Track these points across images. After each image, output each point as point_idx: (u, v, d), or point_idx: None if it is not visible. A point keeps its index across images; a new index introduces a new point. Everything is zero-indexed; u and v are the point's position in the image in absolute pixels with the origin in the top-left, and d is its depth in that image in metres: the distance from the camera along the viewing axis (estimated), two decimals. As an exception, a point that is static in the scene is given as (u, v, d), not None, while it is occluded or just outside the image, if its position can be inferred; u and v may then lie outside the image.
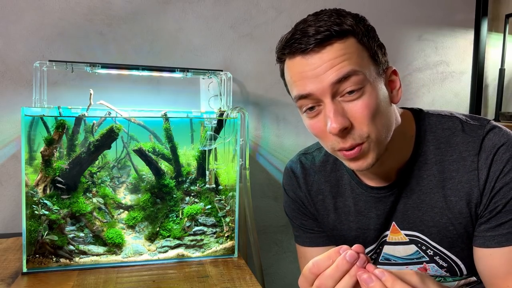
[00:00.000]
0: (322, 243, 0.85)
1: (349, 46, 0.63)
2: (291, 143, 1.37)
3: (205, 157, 1.02)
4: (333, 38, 0.62)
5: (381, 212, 0.76)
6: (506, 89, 1.52)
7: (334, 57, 0.62)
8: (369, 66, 0.64)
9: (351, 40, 0.63)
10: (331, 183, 0.81)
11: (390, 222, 0.76)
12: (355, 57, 0.63)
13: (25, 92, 1.14)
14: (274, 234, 1.40)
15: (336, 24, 0.62)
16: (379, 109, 0.64)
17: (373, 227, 0.77)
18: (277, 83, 1.34)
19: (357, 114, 0.63)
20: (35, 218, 0.90)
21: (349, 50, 0.62)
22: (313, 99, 0.64)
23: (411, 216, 0.74)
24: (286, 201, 0.89)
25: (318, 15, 0.65)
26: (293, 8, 1.34)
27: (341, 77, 0.61)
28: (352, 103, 0.63)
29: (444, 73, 1.53)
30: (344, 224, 0.80)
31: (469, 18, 1.53)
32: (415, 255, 0.76)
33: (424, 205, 0.73)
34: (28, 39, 1.14)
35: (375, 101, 0.63)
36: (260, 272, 1.13)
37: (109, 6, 1.19)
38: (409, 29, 1.48)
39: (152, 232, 1.00)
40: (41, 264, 0.91)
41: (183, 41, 1.25)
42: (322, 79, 0.62)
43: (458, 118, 0.73)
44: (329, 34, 0.62)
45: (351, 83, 0.62)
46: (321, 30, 0.62)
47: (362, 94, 0.63)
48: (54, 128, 0.90)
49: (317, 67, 0.62)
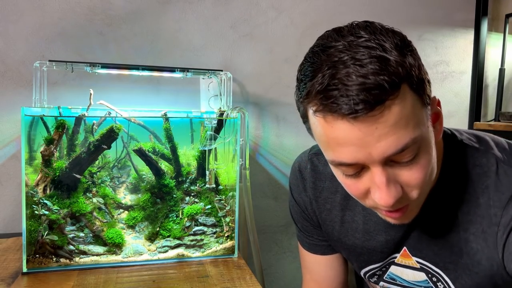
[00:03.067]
0: (321, 252, 0.82)
1: (405, 101, 0.48)
2: (291, 143, 1.37)
3: (205, 157, 1.02)
4: (388, 98, 0.47)
5: (391, 238, 0.70)
6: (506, 89, 1.52)
7: (390, 124, 0.48)
8: (424, 117, 0.52)
9: (406, 92, 0.49)
10: (342, 194, 0.73)
11: (401, 246, 0.70)
12: (412, 116, 0.50)
13: (25, 92, 1.14)
14: (274, 234, 1.40)
15: (385, 72, 0.47)
16: (431, 162, 0.55)
17: (380, 250, 0.71)
18: (277, 83, 1.34)
19: (411, 180, 0.53)
20: (35, 218, 0.90)
21: (406, 110, 0.49)
22: (357, 167, 0.53)
23: (426, 248, 0.67)
24: (290, 200, 0.84)
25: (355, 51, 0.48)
26: (293, 8, 1.34)
27: (399, 150, 0.50)
28: (406, 168, 0.53)
29: (444, 73, 1.53)
30: (349, 239, 0.74)
31: (469, 18, 1.53)
32: (424, 283, 0.70)
33: (442, 241, 0.66)
34: (28, 39, 1.14)
35: (429, 158, 0.54)
36: (260, 272, 1.13)
37: (109, 6, 1.19)
38: (409, 29, 1.48)
39: (152, 232, 1.00)
40: (41, 264, 0.91)
41: (183, 41, 1.25)
42: (373, 149, 0.50)
43: (495, 156, 0.62)
44: (382, 92, 0.47)
45: (409, 151, 0.51)
46: (370, 86, 0.46)
47: (418, 156, 0.52)
48: (54, 128, 0.90)
49: (368, 135, 0.49)
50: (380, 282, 0.76)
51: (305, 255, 0.85)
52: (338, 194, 0.74)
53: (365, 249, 0.73)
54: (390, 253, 0.71)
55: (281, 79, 1.34)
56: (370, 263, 0.75)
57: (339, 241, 0.77)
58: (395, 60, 0.48)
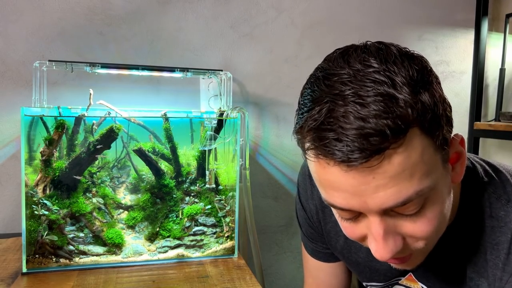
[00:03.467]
0: (324, 259, 0.79)
1: (411, 149, 0.41)
2: (291, 143, 1.37)
3: (205, 157, 1.02)
4: (390, 146, 0.40)
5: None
6: (507, 89, 1.52)
7: (390, 175, 0.41)
8: (436, 165, 0.44)
9: (413, 136, 0.41)
10: None
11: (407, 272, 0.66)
12: (421, 165, 0.42)
13: (25, 92, 1.14)
14: (274, 234, 1.40)
15: (390, 115, 0.39)
16: (442, 215, 0.48)
17: (383, 273, 0.68)
18: (277, 83, 1.34)
19: (417, 233, 0.47)
20: (35, 218, 0.90)
21: (412, 159, 0.41)
22: (353, 212, 0.48)
23: (433, 277, 0.63)
24: (297, 202, 0.79)
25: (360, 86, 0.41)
26: (293, 8, 1.34)
27: (399, 203, 0.43)
28: (409, 221, 0.46)
29: (444, 73, 1.53)
30: (352, 256, 0.71)
31: (469, 18, 1.53)
32: None
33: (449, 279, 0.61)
34: (28, 39, 1.14)
35: (440, 209, 0.47)
36: (260, 272, 1.13)
37: (109, 6, 1.19)
38: (409, 29, 1.47)
39: (152, 232, 1.00)
40: (41, 264, 0.91)
41: (183, 41, 1.25)
42: (369, 199, 0.44)
43: None
44: (382, 140, 0.39)
45: (412, 204, 0.44)
46: (368, 132, 0.39)
47: (425, 209, 0.46)
48: (54, 128, 0.90)
49: (363, 184, 0.42)
50: None
51: (308, 259, 0.83)
52: None
53: (367, 268, 0.69)
54: (394, 277, 0.68)
55: (281, 79, 1.34)
56: (372, 280, 0.72)
57: (341, 255, 0.74)
58: (404, 99, 0.40)
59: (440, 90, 0.46)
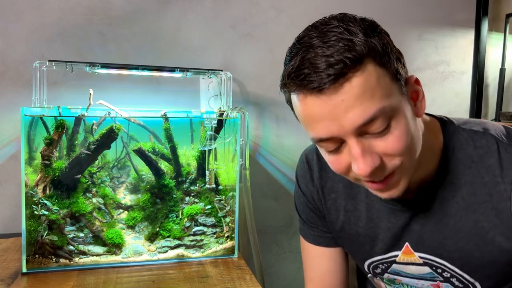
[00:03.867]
0: (325, 244, 0.82)
1: (369, 75, 0.53)
2: (291, 143, 1.37)
3: (205, 157, 1.02)
4: (349, 71, 0.52)
5: (392, 225, 0.71)
6: (507, 89, 1.52)
7: (354, 96, 0.52)
8: (394, 90, 0.55)
9: (369, 66, 0.53)
10: (344, 183, 0.76)
11: (403, 242, 0.71)
12: (379, 88, 0.53)
13: (25, 92, 1.14)
14: (274, 234, 1.40)
15: (348, 49, 0.52)
16: (410, 133, 0.57)
17: (381, 238, 0.73)
18: (277, 83, 1.33)
19: (388, 149, 0.55)
20: (34, 218, 0.90)
21: (370, 83, 0.53)
22: (335, 141, 0.57)
23: (429, 240, 0.68)
24: (296, 191, 0.85)
25: (323, 35, 0.54)
26: (293, 8, 1.34)
27: (367, 120, 0.53)
28: (381, 139, 0.55)
29: (444, 73, 1.53)
30: (352, 228, 0.76)
31: (470, 18, 1.53)
32: (429, 275, 0.72)
33: (446, 229, 0.67)
34: (28, 39, 1.14)
35: (406, 128, 0.56)
36: (260, 272, 1.13)
37: (109, 6, 1.19)
38: (409, 29, 1.47)
39: (152, 232, 1.00)
40: (41, 264, 0.91)
41: (183, 41, 1.25)
42: (343, 121, 0.53)
43: (493, 137, 0.65)
44: (344, 66, 0.52)
45: (379, 122, 0.54)
46: (332, 62, 0.52)
47: (391, 126, 0.55)
48: (53, 128, 0.90)
49: (336, 107, 0.53)
50: (385, 274, 0.77)
51: (308, 249, 0.85)
52: (341, 183, 0.77)
53: (367, 237, 0.74)
54: (392, 246, 0.72)
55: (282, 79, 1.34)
56: (372, 254, 0.76)
57: (342, 231, 0.78)
58: (358, 40, 0.53)
59: (389, 39, 0.57)
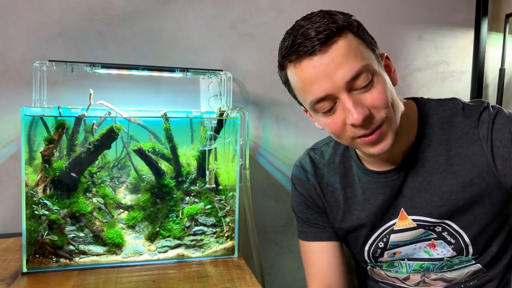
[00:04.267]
0: (326, 238, 0.87)
1: (350, 41, 0.65)
2: (291, 143, 1.37)
3: (205, 157, 1.02)
4: (335, 36, 0.64)
5: (388, 197, 0.78)
6: (506, 88, 1.52)
7: (342, 55, 0.63)
8: (371, 56, 0.67)
9: (349, 35, 0.65)
10: (340, 175, 0.83)
11: (399, 208, 0.78)
12: (359, 51, 0.65)
13: (25, 92, 1.14)
14: (274, 234, 1.40)
15: (331, 22, 0.65)
16: (390, 92, 0.68)
17: (380, 212, 0.79)
18: (277, 82, 1.33)
19: (375, 101, 0.65)
20: (35, 218, 0.90)
21: (352, 46, 0.64)
22: (330, 99, 0.66)
23: (418, 200, 0.76)
24: (293, 195, 0.91)
25: (309, 19, 0.67)
26: (293, 8, 1.34)
27: (354, 75, 0.63)
28: (367, 93, 0.65)
29: (444, 73, 1.53)
30: (353, 214, 0.82)
31: (469, 18, 1.53)
32: (423, 235, 0.79)
33: (431, 186, 0.75)
34: (28, 39, 1.14)
35: (386, 86, 0.67)
36: (260, 272, 1.13)
37: (109, 6, 1.19)
38: (409, 29, 1.48)
39: (152, 232, 1.00)
40: (41, 264, 0.91)
41: (183, 41, 1.25)
42: (335, 77, 0.64)
43: (458, 100, 0.77)
44: (330, 32, 0.64)
45: (364, 77, 0.64)
46: (321, 30, 0.64)
47: (374, 83, 0.65)
48: (54, 128, 0.90)
49: (328, 66, 0.64)
50: (385, 253, 0.82)
51: (309, 247, 0.88)
52: (337, 176, 0.84)
53: (367, 218, 0.81)
54: (390, 217, 0.79)
55: (281, 79, 1.34)
56: (372, 232, 0.82)
57: (344, 220, 0.84)
58: (338, 18, 0.66)
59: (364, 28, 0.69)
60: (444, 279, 0.81)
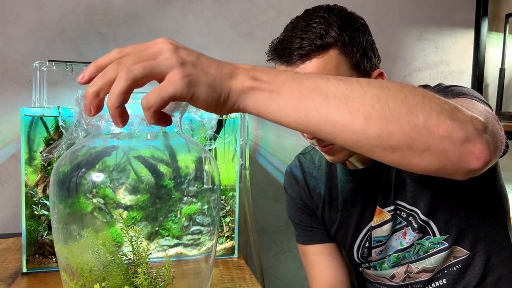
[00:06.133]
0: (321, 240, 0.89)
1: (329, 60, 0.66)
2: (291, 143, 1.37)
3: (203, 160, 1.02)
4: (313, 54, 0.66)
5: (366, 194, 0.81)
6: (507, 88, 1.52)
7: (316, 72, 0.66)
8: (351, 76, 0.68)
9: (332, 53, 0.66)
10: (327, 176, 0.87)
11: (374, 206, 0.81)
12: (335, 72, 0.66)
13: (25, 92, 1.14)
14: (274, 234, 1.40)
15: (319, 37, 0.66)
16: None
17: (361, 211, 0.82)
18: (277, 83, 1.34)
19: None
20: (34, 218, 0.90)
21: (328, 66, 0.66)
22: None
23: (391, 191, 0.79)
24: (287, 200, 0.94)
25: (309, 21, 0.68)
26: (293, 8, 1.34)
27: None
28: None
29: (444, 73, 1.53)
30: (338, 214, 0.86)
31: (469, 18, 1.53)
32: (397, 222, 0.81)
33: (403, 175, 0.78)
34: (28, 39, 1.14)
35: None
36: (260, 272, 1.13)
37: (109, 6, 1.19)
38: (409, 29, 1.47)
39: (151, 231, 1.00)
40: (41, 264, 0.91)
41: (183, 41, 1.24)
42: None
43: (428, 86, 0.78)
44: (310, 49, 0.66)
45: None
46: (304, 45, 0.66)
47: None
48: (53, 128, 0.90)
49: None
50: (372, 251, 0.84)
51: (307, 251, 0.90)
52: (323, 177, 0.87)
53: (350, 217, 0.84)
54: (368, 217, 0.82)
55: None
56: (357, 232, 0.84)
57: (330, 221, 0.87)
58: (331, 31, 0.66)
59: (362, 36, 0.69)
60: (426, 270, 0.81)
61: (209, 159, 0.80)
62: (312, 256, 0.89)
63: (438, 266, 0.80)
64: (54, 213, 0.72)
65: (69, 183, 0.71)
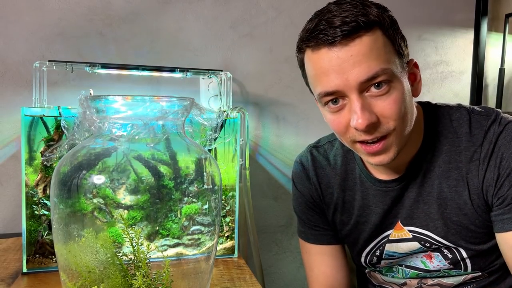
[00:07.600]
0: (327, 241, 0.85)
1: (377, 39, 0.60)
2: (291, 143, 1.37)
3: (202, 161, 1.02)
4: (361, 30, 0.59)
5: (388, 206, 0.75)
6: (506, 88, 1.52)
7: (362, 53, 0.59)
8: (395, 60, 0.62)
9: (378, 32, 0.60)
10: (341, 177, 0.80)
11: (395, 219, 0.76)
12: (383, 53, 0.60)
13: (25, 92, 1.14)
14: (274, 234, 1.40)
15: (362, 14, 0.59)
16: (405, 103, 0.63)
17: (379, 221, 0.77)
18: (277, 83, 1.34)
19: (385, 110, 0.61)
20: (35, 218, 0.90)
21: (377, 45, 0.60)
22: (339, 96, 0.63)
23: (416, 211, 0.74)
24: (294, 194, 0.88)
25: (341, 4, 0.61)
26: (293, 8, 1.34)
27: (370, 76, 0.59)
28: (380, 99, 0.61)
29: (444, 73, 1.53)
30: (352, 218, 0.80)
31: (469, 18, 1.53)
32: (419, 250, 0.77)
33: (430, 197, 0.72)
34: (28, 39, 1.14)
35: (402, 96, 0.62)
36: (260, 272, 1.13)
37: (109, 6, 1.19)
38: (409, 29, 1.47)
39: (151, 232, 1.00)
40: (41, 264, 0.91)
41: (183, 41, 1.25)
42: (349, 75, 0.60)
43: (466, 109, 0.73)
44: (357, 26, 0.58)
45: (380, 81, 0.60)
46: (347, 21, 0.58)
47: (390, 89, 0.61)
48: (54, 128, 0.90)
49: (344, 61, 0.59)
50: (381, 261, 0.80)
51: (310, 250, 0.86)
52: (337, 177, 0.80)
53: (366, 224, 0.78)
54: (385, 227, 0.77)
55: (281, 79, 1.34)
56: (370, 240, 0.80)
57: (341, 224, 0.81)
58: (372, 10, 0.60)
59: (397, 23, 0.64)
60: (441, 285, 0.79)
61: (209, 160, 0.80)
62: (315, 256, 0.86)
63: (455, 284, 0.79)
64: (55, 214, 0.72)
65: (70, 183, 0.71)
